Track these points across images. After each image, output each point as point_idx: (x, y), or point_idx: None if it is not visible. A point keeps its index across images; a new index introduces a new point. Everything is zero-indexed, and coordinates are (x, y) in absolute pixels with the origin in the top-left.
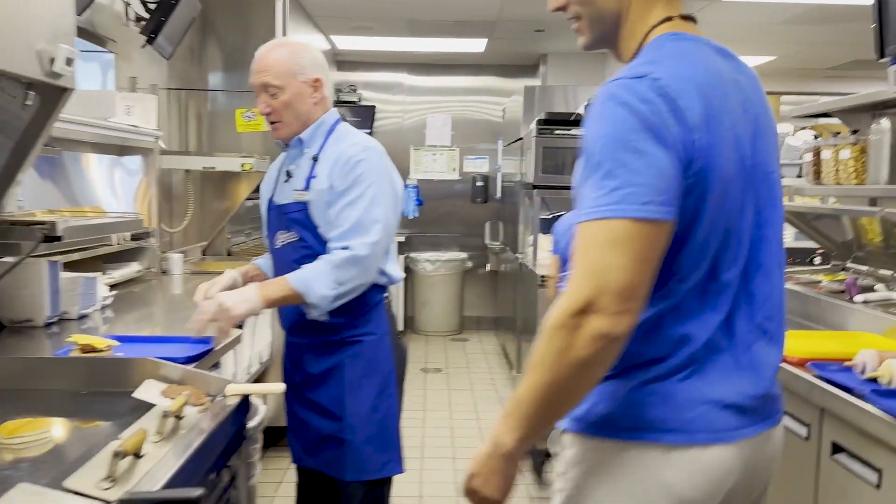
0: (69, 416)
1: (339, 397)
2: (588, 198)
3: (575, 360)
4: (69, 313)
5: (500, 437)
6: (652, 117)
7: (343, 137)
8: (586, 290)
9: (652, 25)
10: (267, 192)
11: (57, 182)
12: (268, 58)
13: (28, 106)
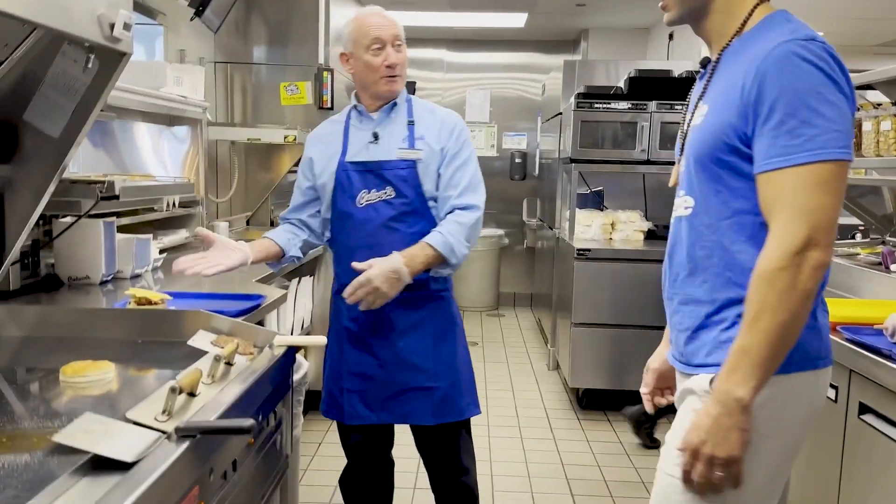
0: (127, 362)
1: (424, 349)
2: (776, 146)
3: (803, 292)
4: (123, 272)
5: (731, 392)
6: (832, 73)
7: (426, 104)
8: (803, 230)
9: (755, 4)
10: (333, 155)
11: (108, 150)
12: (386, 15)
13: (88, 69)
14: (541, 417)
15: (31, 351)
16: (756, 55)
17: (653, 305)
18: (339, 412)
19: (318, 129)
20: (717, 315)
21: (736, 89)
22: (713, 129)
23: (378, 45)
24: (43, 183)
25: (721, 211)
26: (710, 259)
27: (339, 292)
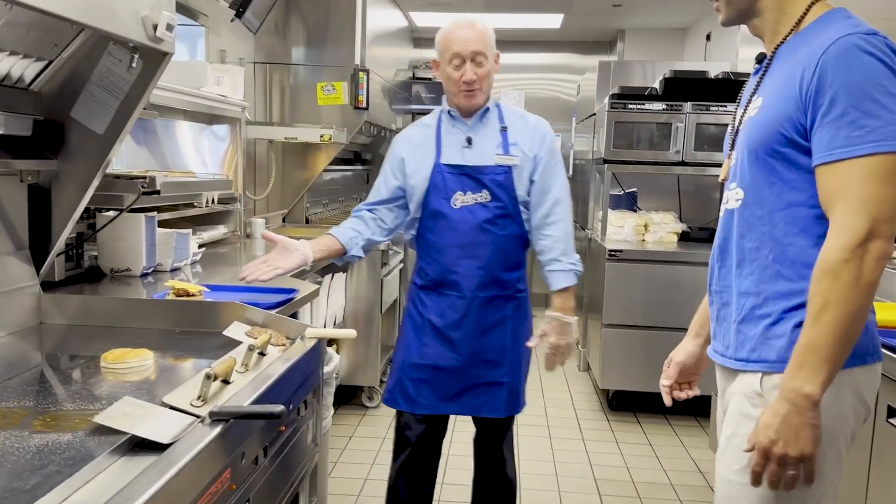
0: (164, 350)
1: (503, 346)
2: (839, 137)
3: (867, 284)
4: (163, 265)
5: (799, 390)
6: (894, 66)
7: (515, 110)
8: (865, 222)
9: (810, 2)
10: (426, 157)
11: (150, 147)
12: (476, 28)
13: (132, 69)
14: (570, 418)
15: (75, 338)
16: (816, 49)
17: (684, 307)
18: (407, 402)
19: (408, 130)
20: (762, 308)
21: (794, 82)
22: (769, 120)
23: (457, 61)
24: (88, 177)
25: (774, 203)
26: (760, 251)
27: (422, 287)
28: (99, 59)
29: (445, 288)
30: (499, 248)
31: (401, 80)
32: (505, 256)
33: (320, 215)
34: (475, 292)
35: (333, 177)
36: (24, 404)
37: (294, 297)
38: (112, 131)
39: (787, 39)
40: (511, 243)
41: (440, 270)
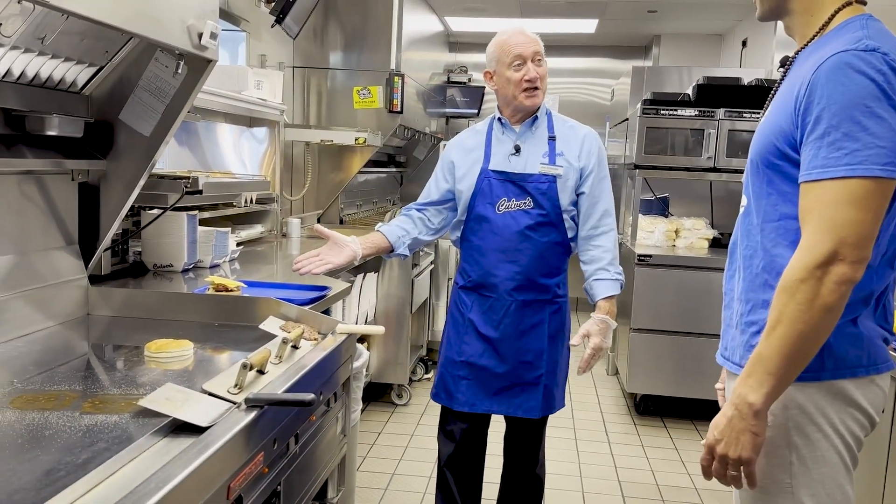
0: (204, 342)
1: (540, 349)
2: (818, 157)
3: (823, 306)
4: (203, 262)
5: (745, 397)
6: (886, 86)
7: (566, 119)
8: (829, 243)
9: (836, 8)
10: (475, 162)
11: (193, 148)
12: (528, 34)
13: (178, 74)
14: (597, 421)
15: (119, 329)
16: (815, 62)
17: (713, 313)
18: (449, 398)
19: (461, 136)
20: (749, 316)
21: (792, 95)
22: (767, 131)
23: (519, 61)
24: (134, 177)
25: (769, 213)
26: (752, 259)
27: (463, 287)
28: (146, 64)
29: (485, 290)
30: (539, 253)
31: (436, 83)
32: (545, 262)
33: (354, 216)
34: (513, 295)
35: (368, 178)
36: (75, 388)
37: (327, 294)
38: (158, 133)
39: (808, 44)
40: (551, 250)
41: (481, 272)
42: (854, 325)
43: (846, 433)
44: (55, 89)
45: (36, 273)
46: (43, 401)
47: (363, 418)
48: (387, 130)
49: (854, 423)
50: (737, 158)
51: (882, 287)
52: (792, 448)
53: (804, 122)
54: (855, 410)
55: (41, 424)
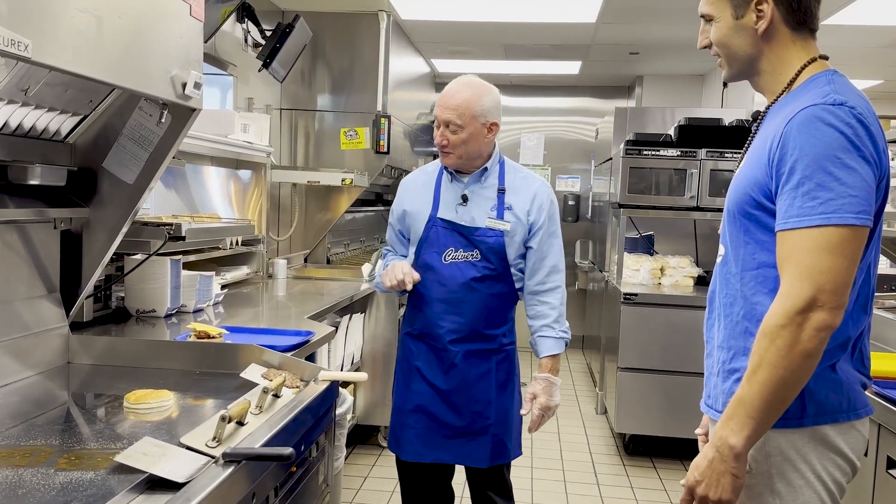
0: (184, 391)
1: (488, 399)
2: (794, 207)
3: (802, 352)
4: (187, 306)
5: (726, 439)
6: (855, 139)
7: (520, 170)
8: (808, 291)
9: (802, 66)
10: (423, 208)
11: (179, 190)
12: (456, 98)
13: (162, 123)
14: (585, 462)
15: (100, 378)
16: (786, 116)
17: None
18: (397, 447)
19: (413, 176)
20: (731, 363)
21: (765, 147)
22: (743, 182)
23: (437, 122)
24: (117, 224)
25: (747, 262)
26: (732, 307)
27: (409, 334)
28: (131, 113)
29: (430, 339)
30: (484, 305)
31: (423, 123)
32: (491, 313)
33: (341, 255)
34: (457, 346)
35: (355, 217)
36: (51, 442)
37: (310, 340)
38: (141, 181)
39: (777, 100)
40: (498, 301)
41: (425, 322)
42: (833, 370)
43: (828, 479)
44: (38, 138)
45: (16, 322)
46: (18, 457)
47: (349, 462)
48: (374, 171)
49: (836, 468)
50: (719, 198)
51: (858, 332)
52: (775, 494)
53: (778, 172)
54: (836, 456)
55: (14, 483)
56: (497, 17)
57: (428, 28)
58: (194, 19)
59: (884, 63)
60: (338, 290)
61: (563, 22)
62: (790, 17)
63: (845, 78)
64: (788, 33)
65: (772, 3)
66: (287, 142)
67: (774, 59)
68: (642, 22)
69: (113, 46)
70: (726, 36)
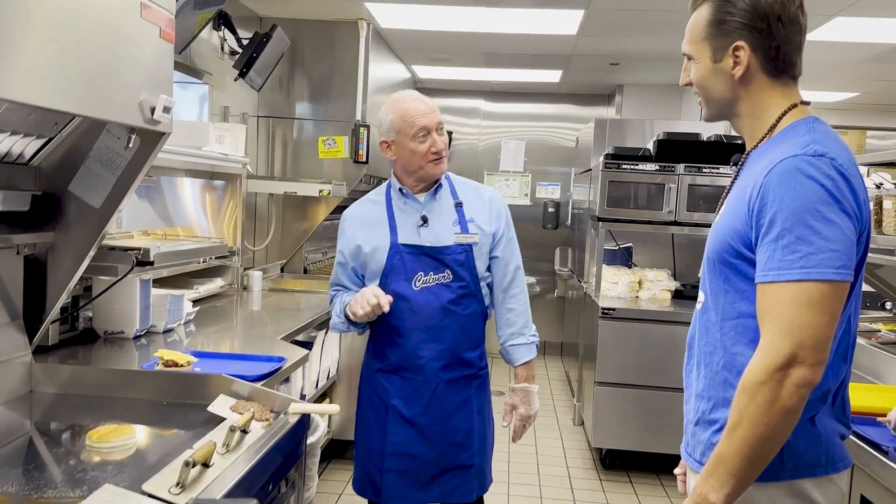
0: (150, 424)
1: (469, 428)
2: (774, 259)
3: (782, 409)
4: (157, 327)
5: (706, 496)
6: (836, 191)
7: (466, 182)
8: (788, 346)
9: (782, 111)
10: (381, 238)
11: (154, 203)
12: (428, 102)
13: (130, 148)
14: (562, 477)
15: (63, 408)
16: (766, 165)
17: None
18: (376, 493)
19: (356, 209)
20: (711, 414)
21: (745, 196)
22: (723, 231)
23: (424, 132)
24: (83, 250)
25: (727, 311)
26: (712, 356)
27: (381, 370)
28: (98, 136)
29: (409, 372)
30: (462, 327)
31: None
32: (468, 335)
33: (319, 265)
34: (440, 375)
35: (334, 223)
36: (6, 490)
37: (282, 366)
38: (108, 205)
39: (758, 146)
40: (473, 321)
41: (403, 355)
42: (812, 423)
43: None
44: (1, 162)
45: None
46: None
47: (323, 478)
48: (352, 181)
49: None
50: (697, 212)
51: (838, 382)
52: None
53: (758, 223)
54: None
55: None
56: (478, 27)
57: (408, 37)
58: (164, 41)
59: (860, 77)
60: (314, 304)
61: (543, 34)
62: (768, 64)
63: (826, 126)
64: (766, 79)
65: (748, 50)
66: (264, 150)
67: (752, 103)
68: (622, 35)
69: (77, 75)
70: (705, 78)
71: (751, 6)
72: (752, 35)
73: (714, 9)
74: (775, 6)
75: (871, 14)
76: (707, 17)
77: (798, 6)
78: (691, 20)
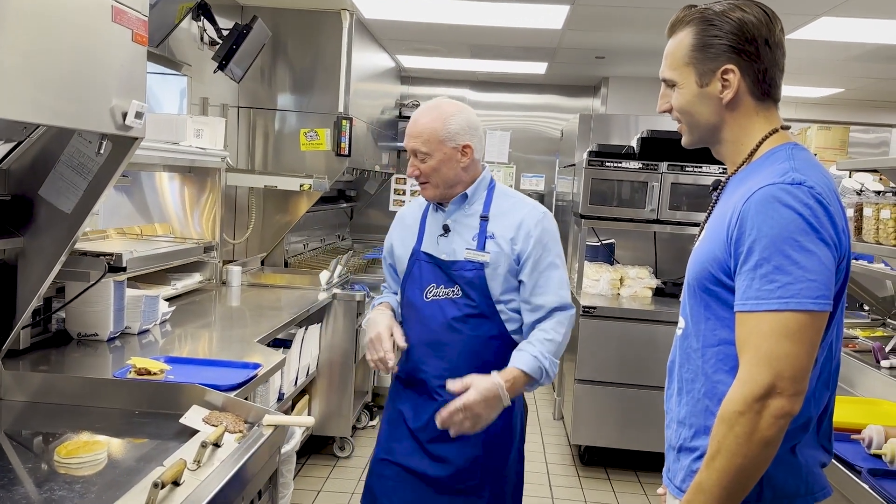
0: (122, 436)
1: (473, 455)
2: (752, 288)
3: (761, 440)
4: (131, 328)
5: None
6: (814, 220)
7: (509, 196)
8: (766, 377)
9: (763, 137)
10: (409, 241)
11: (131, 197)
12: (419, 123)
13: (101, 154)
14: (541, 473)
15: (33, 418)
16: (745, 193)
17: (657, 365)
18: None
19: (405, 208)
20: (692, 441)
21: (724, 223)
22: (703, 258)
23: (410, 153)
24: (54, 254)
25: (708, 338)
26: (694, 383)
27: (398, 377)
28: (69, 139)
29: (415, 384)
30: (470, 349)
31: (388, 118)
32: (478, 358)
33: (301, 258)
34: (441, 394)
35: (316, 215)
36: None
37: (257, 374)
38: (80, 210)
39: (737, 171)
40: (486, 344)
41: (409, 366)
42: (793, 453)
43: None
44: None
45: None
46: None
47: (302, 474)
48: (334, 173)
49: None
50: (679, 211)
51: (821, 410)
52: None
53: (737, 251)
54: None
55: None
56: (463, 20)
57: (392, 27)
58: (136, 45)
59: (845, 74)
60: (294, 300)
61: (529, 28)
62: (756, 87)
63: (806, 152)
64: (753, 104)
65: (738, 73)
66: (245, 141)
67: (737, 128)
68: (608, 30)
69: (45, 85)
70: (689, 103)
71: (738, 29)
72: (741, 59)
73: (697, 33)
74: (762, 29)
75: (856, 15)
76: (691, 42)
77: (780, 29)
78: (671, 46)
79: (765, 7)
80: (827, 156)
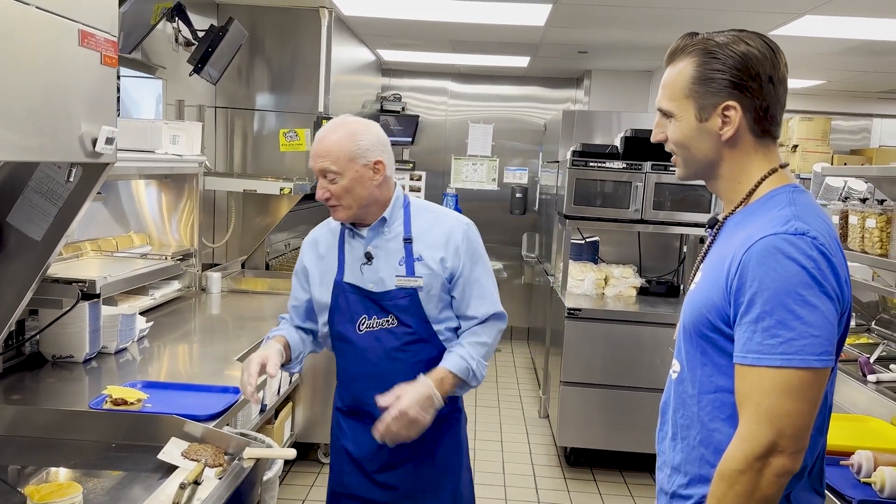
0: (98, 471)
1: (432, 478)
2: (753, 342)
3: (761, 499)
4: (108, 348)
5: None
6: (817, 273)
7: (429, 210)
8: (768, 435)
9: (762, 176)
10: (328, 273)
11: (107, 204)
12: (326, 142)
13: (71, 182)
14: (527, 475)
15: (6, 452)
16: (745, 240)
17: (642, 366)
18: None
19: (316, 232)
20: (687, 489)
21: (724, 269)
22: (700, 303)
23: (315, 174)
24: (25, 283)
25: (704, 384)
26: (689, 430)
27: (339, 409)
28: (37, 165)
29: (362, 416)
30: (412, 375)
31: (369, 111)
32: None
33: (283, 258)
34: None
35: (298, 213)
36: None
37: (238, 400)
38: (50, 237)
39: (735, 211)
40: (425, 368)
41: (352, 399)
42: (787, 501)
43: None
44: None
45: None
46: None
47: (287, 482)
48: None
49: None
50: (662, 211)
51: (815, 456)
52: None
53: (737, 301)
54: None
55: None
56: (443, 16)
57: (371, 23)
58: (106, 67)
59: (828, 67)
60: (276, 307)
61: (511, 24)
62: (756, 125)
63: (806, 195)
64: (752, 141)
65: (740, 110)
66: (223, 143)
67: (735, 165)
68: (591, 26)
69: (8, 121)
70: (687, 137)
71: (742, 64)
72: (743, 95)
73: (698, 65)
74: (766, 65)
75: (840, 13)
76: (691, 74)
77: (784, 64)
78: (670, 75)
79: (769, 41)
80: (809, 146)
